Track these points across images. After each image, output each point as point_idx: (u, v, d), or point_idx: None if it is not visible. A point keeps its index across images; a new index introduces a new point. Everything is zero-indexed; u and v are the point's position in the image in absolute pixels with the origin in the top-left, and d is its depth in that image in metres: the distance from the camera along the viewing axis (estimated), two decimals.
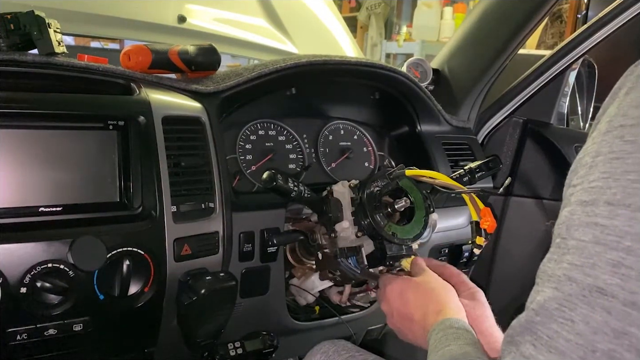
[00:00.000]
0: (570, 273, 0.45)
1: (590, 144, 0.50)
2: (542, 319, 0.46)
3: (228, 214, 0.99)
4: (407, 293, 0.83)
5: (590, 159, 0.48)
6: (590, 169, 0.47)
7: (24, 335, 0.81)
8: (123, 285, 0.87)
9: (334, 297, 1.15)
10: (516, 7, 1.35)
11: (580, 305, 0.44)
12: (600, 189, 0.45)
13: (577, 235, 0.46)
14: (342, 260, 0.93)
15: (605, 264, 0.43)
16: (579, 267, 0.45)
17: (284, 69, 1.13)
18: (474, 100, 1.47)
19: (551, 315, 0.45)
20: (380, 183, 0.96)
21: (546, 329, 0.45)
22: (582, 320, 0.43)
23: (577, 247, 0.46)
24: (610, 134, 0.47)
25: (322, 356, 0.94)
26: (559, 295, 0.45)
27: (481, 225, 0.88)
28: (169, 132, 0.94)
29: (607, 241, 0.43)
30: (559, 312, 0.45)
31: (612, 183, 0.45)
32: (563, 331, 0.44)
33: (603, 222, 0.44)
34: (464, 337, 0.68)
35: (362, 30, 5.46)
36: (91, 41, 2.58)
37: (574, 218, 0.47)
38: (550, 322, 0.45)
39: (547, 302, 0.46)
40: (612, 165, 0.45)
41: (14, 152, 0.83)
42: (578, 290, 0.44)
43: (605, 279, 0.43)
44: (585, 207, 0.46)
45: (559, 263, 0.47)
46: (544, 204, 1.51)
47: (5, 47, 0.92)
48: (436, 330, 0.72)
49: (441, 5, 4.64)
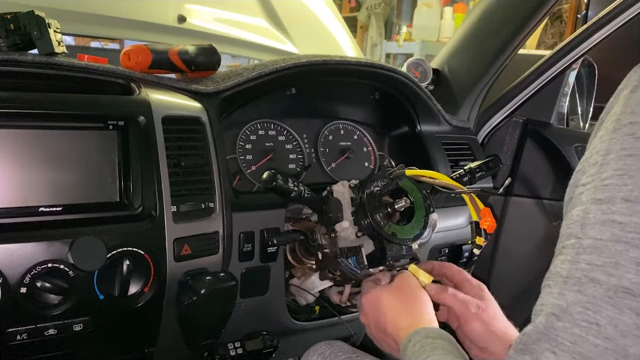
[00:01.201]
0: (591, 274, 0.43)
1: (598, 143, 0.49)
2: (564, 324, 0.43)
3: (228, 214, 0.99)
4: (381, 304, 0.83)
5: (600, 157, 0.47)
6: (602, 167, 0.46)
7: (24, 335, 0.81)
8: (123, 285, 0.87)
9: (334, 297, 1.15)
10: (516, 7, 1.35)
11: (606, 307, 0.42)
12: (616, 186, 0.44)
13: (593, 234, 0.44)
14: (342, 260, 0.93)
15: (629, 263, 0.41)
16: (600, 267, 0.43)
17: (284, 69, 1.13)
18: (474, 100, 1.47)
19: (574, 320, 0.43)
20: (380, 183, 0.96)
21: (568, 335, 0.43)
22: (609, 324, 0.41)
23: (594, 246, 0.44)
24: (620, 131, 0.46)
25: (319, 357, 0.94)
26: (582, 298, 0.43)
27: (481, 225, 0.88)
28: (169, 132, 0.94)
29: (629, 239, 0.42)
30: (582, 315, 0.43)
31: (627, 180, 0.44)
32: (589, 336, 0.42)
33: (621, 220, 0.43)
34: (441, 347, 0.67)
35: (362, 30, 5.45)
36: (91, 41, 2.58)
37: (589, 217, 0.45)
38: (572, 327, 0.43)
39: (569, 306, 0.44)
40: (625, 162, 0.45)
41: (14, 152, 0.83)
42: (602, 291, 0.42)
43: (630, 278, 0.41)
44: (601, 205, 0.45)
45: (575, 264, 0.45)
46: (544, 204, 1.51)
47: (5, 47, 0.92)
48: (412, 341, 0.70)
49: (441, 5, 4.64)
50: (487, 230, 0.88)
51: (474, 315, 0.80)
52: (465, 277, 0.88)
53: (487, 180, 1.35)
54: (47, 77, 0.94)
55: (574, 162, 1.45)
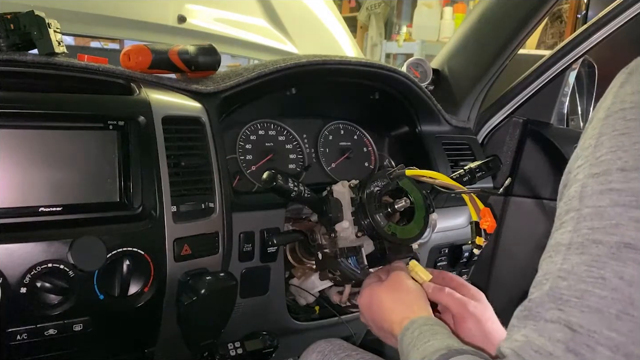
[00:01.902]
0: (593, 236, 0.45)
1: (589, 131, 0.51)
2: (569, 282, 0.45)
3: (228, 214, 0.99)
4: (374, 302, 0.84)
5: (593, 140, 0.49)
6: (595, 147, 0.49)
7: (24, 335, 0.81)
8: (123, 285, 0.87)
9: (334, 297, 1.15)
10: (516, 7, 1.35)
11: (610, 263, 0.43)
12: (611, 160, 0.46)
13: (591, 203, 0.46)
14: (342, 260, 0.93)
15: (628, 221, 0.43)
16: (601, 229, 0.45)
17: (284, 69, 1.13)
18: (474, 100, 1.47)
19: (579, 278, 0.44)
20: (380, 183, 0.96)
21: (574, 291, 0.44)
22: (615, 276, 0.42)
23: (594, 212, 0.46)
24: (611, 117, 0.49)
25: (318, 355, 0.94)
26: (586, 258, 0.45)
27: (481, 225, 0.88)
28: (169, 132, 0.94)
29: (627, 202, 0.44)
30: (587, 273, 0.44)
31: (621, 154, 0.46)
32: (595, 289, 0.43)
33: (619, 187, 0.45)
34: (441, 332, 0.67)
35: (362, 30, 5.45)
36: (91, 41, 2.58)
37: (587, 190, 0.47)
38: (578, 284, 0.44)
39: (574, 267, 0.45)
40: (618, 140, 0.47)
41: (14, 152, 0.83)
42: (605, 249, 0.44)
43: (631, 234, 0.43)
44: (598, 178, 0.47)
45: (577, 231, 0.47)
46: (544, 204, 1.51)
47: (5, 47, 0.91)
48: (410, 329, 0.70)
49: (441, 5, 4.64)
50: (487, 230, 0.88)
51: (470, 314, 0.80)
52: (463, 282, 0.89)
53: (487, 180, 1.35)
54: (47, 77, 0.94)
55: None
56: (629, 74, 0.51)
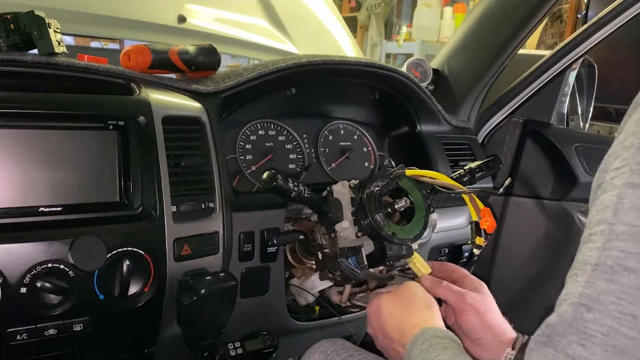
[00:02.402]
0: (625, 262, 0.40)
1: (633, 125, 0.45)
2: (595, 315, 0.41)
3: (228, 214, 0.99)
4: (383, 312, 0.82)
5: (636, 140, 0.43)
6: (638, 149, 0.43)
7: (24, 335, 0.81)
8: (123, 285, 0.87)
9: (334, 297, 1.15)
10: (516, 7, 1.35)
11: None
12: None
13: (627, 220, 0.41)
14: (342, 260, 0.93)
15: None
16: (635, 255, 0.40)
17: (284, 69, 1.13)
18: (474, 100, 1.47)
19: (606, 311, 0.40)
20: (380, 183, 0.95)
21: (599, 326, 0.40)
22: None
23: (629, 233, 0.41)
24: None
25: (321, 355, 0.94)
26: (615, 288, 0.40)
27: (481, 225, 0.88)
28: (169, 132, 0.94)
29: None
30: (615, 306, 0.40)
31: None
32: (622, 327, 0.39)
33: None
34: (452, 347, 0.66)
35: (362, 30, 5.45)
36: (91, 41, 2.58)
37: (624, 202, 0.42)
38: (604, 318, 0.40)
39: (600, 295, 0.41)
40: None
41: (14, 152, 0.83)
42: (638, 281, 0.39)
43: None
44: (637, 190, 0.41)
45: (607, 250, 0.42)
46: (544, 204, 1.51)
47: (5, 47, 0.92)
48: (419, 340, 0.69)
49: (441, 5, 4.64)
50: (487, 230, 0.88)
51: (469, 305, 0.80)
52: (464, 274, 0.88)
53: (487, 180, 1.35)
54: (47, 77, 0.94)
55: (574, 162, 1.45)
56: None
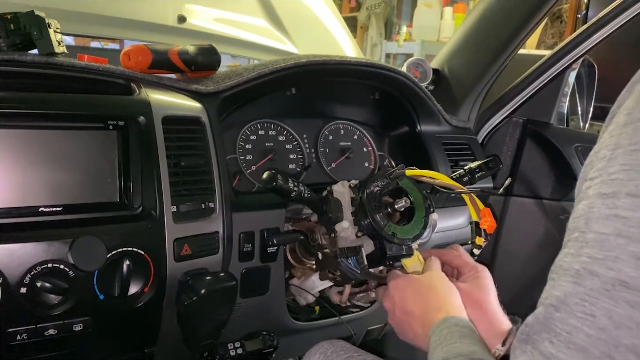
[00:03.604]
0: (591, 267, 0.44)
1: (607, 137, 0.48)
2: (561, 315, 0.44)
3: (228, 214, 0.99)
4: (409, 290, 0.83)
5: (608, 151, 0.46)
6: (609, 161, 0.46)
7: (24, 335, 0.81)
8: (123, 285, 0.87)
9: (334, 297, 1.15)
10: (516, 7, 1.35)
11: (602, 300, 0.42)
12: (621, 181, 0.44)
13: (596, 228, 0.44)
14: (342, 260, 0.93)
15: (628, 257, 0.42)
16: (600, 260, 0.43)
17: (284, 69, 1.13)
18: (474, 100, 1.47)
19: (571, 311, 0.44)
20: (380, 183, 0.95)
21: (565, 325, 0.44)
22: (604, 315, 0.42)
23: (597, 240, 0.44)
24: (630, 126, 0.46)
25: (321, 356, 0.94)
26: (580, 290, 0.44)
27: (481, 225, 0.88)
28: (169, 132, 0.94)
29: (630, 233, 0.42)
30: (579, 306, 0.43)
31: (633, 175, 0.43)
32: (583, 326, 0.42)
33: (625, 215, 0.43)
34: (469, 337, 0.68)
35: (362, 30, 5.46)
36: (91, 41, 2.58)
37: (594, 211, 0.45)
38: (569, 318, 0.44)
39: (567, 297, 0.44)
40: (632, 157, 0.44)
41: (14, 152, 0.83)
42: (600, 284, 0.42)
43: (628, 272, 0.41)
44: (606, 200, 0.44)
45: (577, 257, 0.45)
46: (544, 204, 1.51)
47: (5, 47, 0.92)
48: (440, 327, 0.70)
49: (441, 5, 4.64)
50: (487, 230, 0.88)
51: None
52: (465, 261, 0.88)
53: (487, 180, 1.35)
54: (47, 77, 0.94)
55: (574, 162, 1.45)
56: None
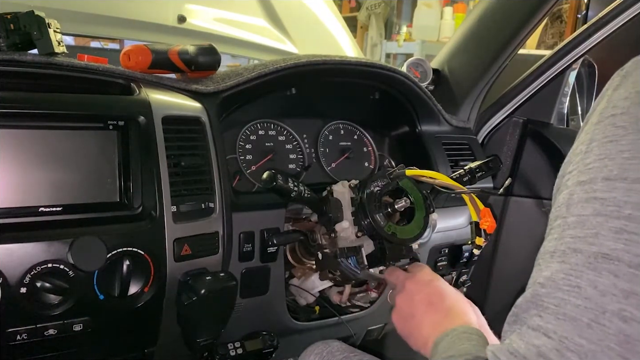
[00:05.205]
0: (574, 245, 0.46)
1: (582, 135, 0.52)
2: (547, 290, 0.46)
3: (228, 214, 0.99)
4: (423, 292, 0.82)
5: (584, 146, 0.51)
6: (586, 154, 0.50)
7: (24, 335, 0.81)
8: (123, 285, 0.87)
9: (334, 297, 1.15)
10: (516, 7, 1.35)
11: (586, 272, 0.44)
12: (597, 169, 0.47)
13: (577, 212, 0.48)
14: (342, 260, 0.93)
15: (608, 232, 0.44)
16: (582, 238, 0.46)
17: (284, 69, 1.13)
18: (474, 100, 1.47)
19: (557, 286, 0.46)
20: (380, 183, 0.95)
21: (552, 299, 0.46)
22: (589, 285, 0.44)
23: (578, 221, 0.47)
24: (602, 123, 0.50)
25: (316, 357, 0.93)
26: (565, 266, 0.46)
27: (481, 225, 0.88)
28: (169, 132, 0.94)
29: (608, 211, 0.45)
30: (565, 281, 0.45)
31: (608, 162, 0.47)
32: (570, 297, 0.44)
33: (602, 196, 0.46)
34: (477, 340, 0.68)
35: (362, 30, 5.46)
36: (91, 41, 2.58)
37: (574, 197, 0.49)
38: (556, 292, 0.46)
39: (553, 274, 0.47)
40: (606, 148, 0.48)
41: (14, 152, 0.83)
42: (583, 259, 0.45)
43: (609, 245, 0.44)
44: (584, 186, 0.48)
45: (561, 239, 0.48)
46: (544, 204, 1.51)
47: (5, 47, 0.91)
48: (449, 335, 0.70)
49: (441, 5, 4.64)
50: (487, 231, 0.88)
51: None
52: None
53: (487, 180, 1.35)
54: (47, 77, 0.94)
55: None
56: (623, 77, 0.52)
